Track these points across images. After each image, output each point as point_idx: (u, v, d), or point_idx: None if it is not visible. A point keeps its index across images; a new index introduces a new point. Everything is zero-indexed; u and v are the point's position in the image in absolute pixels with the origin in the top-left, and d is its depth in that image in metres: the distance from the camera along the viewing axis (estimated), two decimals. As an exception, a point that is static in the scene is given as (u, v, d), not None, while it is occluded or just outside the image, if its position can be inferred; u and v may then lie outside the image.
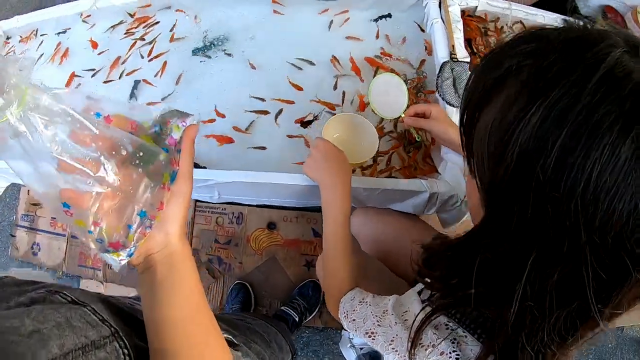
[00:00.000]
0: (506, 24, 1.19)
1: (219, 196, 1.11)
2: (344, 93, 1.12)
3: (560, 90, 0.33)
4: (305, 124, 1.08)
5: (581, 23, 0.38)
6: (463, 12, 1.14)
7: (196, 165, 1.02)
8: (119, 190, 0.34)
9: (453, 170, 0.93)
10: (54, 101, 0.30)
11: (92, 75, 1.20)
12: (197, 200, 1.45)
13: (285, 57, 1.16)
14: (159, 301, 0.39)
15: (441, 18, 1.12)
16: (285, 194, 1.05)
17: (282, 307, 1.34)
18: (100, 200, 0.33)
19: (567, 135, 0.32)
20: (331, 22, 1.20)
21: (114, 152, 0.33)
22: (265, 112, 1.10)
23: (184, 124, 0.40)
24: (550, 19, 1.19)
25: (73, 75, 1.21)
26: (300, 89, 1.12)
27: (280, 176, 0.91)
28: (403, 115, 0.93)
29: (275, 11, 1.21)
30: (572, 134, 0.32)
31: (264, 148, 1.06)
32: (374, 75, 1.12)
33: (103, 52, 1.22)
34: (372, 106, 0.98)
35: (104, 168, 0.32)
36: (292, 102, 1.10)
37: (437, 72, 1.04)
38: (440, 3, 1.14)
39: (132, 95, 1.16)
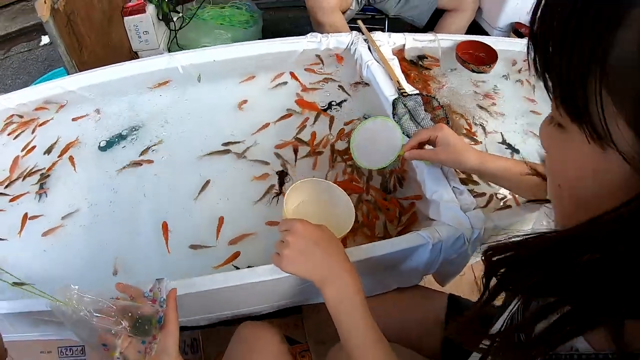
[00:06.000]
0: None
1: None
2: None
3: None
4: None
5: None
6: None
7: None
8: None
9: (448, 209, 0.76)
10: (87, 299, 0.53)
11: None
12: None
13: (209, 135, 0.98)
14: None
15: (375, 60, 1.04)
16: (257, 299, 0.78)
17: None
18: (120, 338, 0.53)
19: None
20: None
21: (125, 314, 0.54)
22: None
23: (161, 288, 0.59)
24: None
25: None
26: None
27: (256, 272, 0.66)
28: (400, 154, 0.78)
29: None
30: None
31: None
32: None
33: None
34: (356, 160, 0.82)
35: (121, 322, 0.53)
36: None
37: (391, 112, 0.93)
38: (369, 47, 1.08)
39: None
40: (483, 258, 0.37)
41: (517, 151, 0.97)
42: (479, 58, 1.12)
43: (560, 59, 0.26)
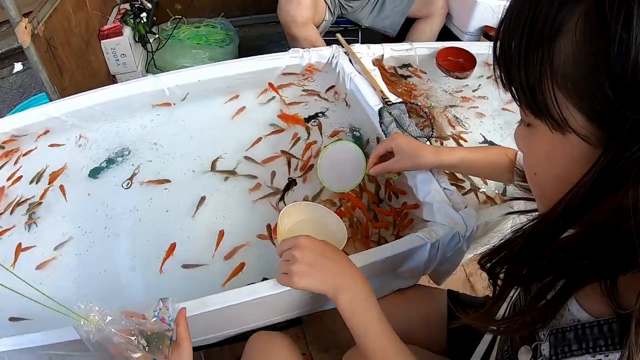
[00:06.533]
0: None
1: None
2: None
3: None
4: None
5: None
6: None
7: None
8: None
9: (442, 210, 0.80)
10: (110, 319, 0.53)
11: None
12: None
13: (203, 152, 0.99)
14: None
15: (357, 71, 1.07)
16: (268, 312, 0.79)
17: None
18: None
19: None
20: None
21: (143, 333, 0.54)
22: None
23: (168, 307, 0.58)
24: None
25: None
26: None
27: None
28: (366, 172, 0.82)
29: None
30: None
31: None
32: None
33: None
34: (325, 185, 0.85)
35: (139, 341, 0.53)
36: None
37: (378, 120, 0.96)
38: (350, 59, 1.11)
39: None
40: (479, 266, 0.42)
41: (499, 149, 1.02)
42: (459, 64, 1.17)
43: (519, 72, 0.32)
